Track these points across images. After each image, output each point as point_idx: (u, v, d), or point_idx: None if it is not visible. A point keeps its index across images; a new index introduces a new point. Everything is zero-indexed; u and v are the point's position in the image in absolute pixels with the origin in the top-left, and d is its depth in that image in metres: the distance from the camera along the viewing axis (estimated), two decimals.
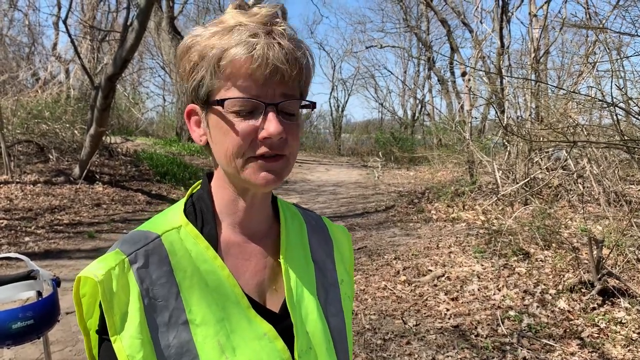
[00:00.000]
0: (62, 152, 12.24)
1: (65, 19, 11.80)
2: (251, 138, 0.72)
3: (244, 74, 0.70)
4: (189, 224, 0.80)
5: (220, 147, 0.75)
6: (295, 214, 0.94)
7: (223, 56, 0.70)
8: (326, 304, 0.87)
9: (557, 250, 5.51)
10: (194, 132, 0.80)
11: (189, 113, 0.79)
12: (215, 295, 0.75)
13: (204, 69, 0.72)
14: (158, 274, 0.74)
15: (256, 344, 0.75)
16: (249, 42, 0.70)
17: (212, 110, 0.74)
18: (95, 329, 0.74)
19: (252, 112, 0.72)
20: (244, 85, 0.71)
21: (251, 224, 0.84)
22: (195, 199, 0.85)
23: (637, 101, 4.66)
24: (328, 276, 0.91)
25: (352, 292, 0.98)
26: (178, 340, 0.72)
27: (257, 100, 0.71)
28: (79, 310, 0.74)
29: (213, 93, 0.73)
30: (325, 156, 24.85)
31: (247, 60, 0.69)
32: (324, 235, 0.96)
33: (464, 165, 11.12)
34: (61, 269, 5.83)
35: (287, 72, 0.71)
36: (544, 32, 9.23)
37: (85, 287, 0.72)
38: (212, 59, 0.71)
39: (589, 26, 5.59)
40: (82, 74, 17.59)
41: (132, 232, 0.79)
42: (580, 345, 3.64)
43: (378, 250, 6.54)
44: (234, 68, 0.70)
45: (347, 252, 1.00)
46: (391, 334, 4.00)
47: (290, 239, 0.88)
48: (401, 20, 27.25)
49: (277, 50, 0.70)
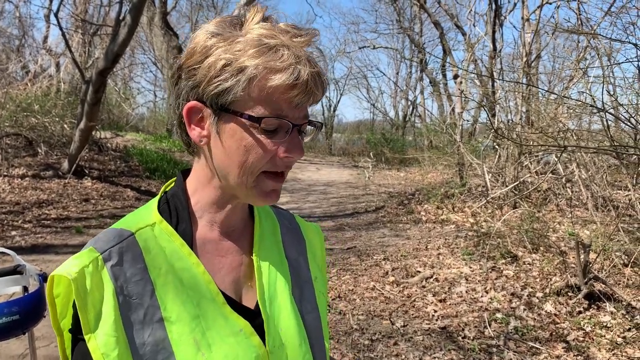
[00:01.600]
0: (51, 146, 12.13)
1: (57, 11, 11.70)
2: (272, 155, 0.74)
3: (282, 98, 0.71)
4: (163, 221, 0.79)
5: (233, 157, 0.74)
6: (268, 213, 0.95)
7: (266, 77, 0.70)
8: (301, 301, 0.88)
9: (544, 254, 5.55)
10: (194, 130, 0.77)
11: (190, 110, 0.76)
12: (191, 293, 0.75)
13: (234, 79, 0.70)
14: (132, 272, 0.73)
15: (232, 340, 0.75)
16: (295, 69, 0.70)
17: (231, 119, 0.73)
18: (68, 329, 0.73)
19: (277, 130, 0.73)
20: (279, 107, 0.72)
21: (230, 222, 0.84)
22: (169, 196, 0.84)
23: (627, 107, 4.70)
24: (302, 274, 0.92)
25: (326, 289, 0.99)
26: (153, 338, 0.71)
27: (288, 121, 0.73)
28: (53, 310, 0.73)
29: (238, 104, 0.72)
30: (317, 156, 24.86)
31: (290, 86, 0.70)
32: (296, 234, 0.97)
33: (454, 168, 11.17)
34: (48, 263, 5.78)
35: (317, 97, 0.74)
36: (536, 36, 9.28)
37: (59, 286, 0.71)
38: (251, 75, 0.70)
39: (581, 31, 5.63)
40: (72, 68, 17.44)
41: (105, 230, 0.78)
42: (566, 348, 3.67)
43: (367, 250, 6.55)
44: (275, 92, 0.70)
45: (319, 250, 1.01)
46: (379, 334, 4.01)
47: (264, 237, 0.88)
48: (394, 22, 27.31)
49: (316, 79, 0.72)
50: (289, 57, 0.70)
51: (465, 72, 11.29)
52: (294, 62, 0.70)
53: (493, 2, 10.60)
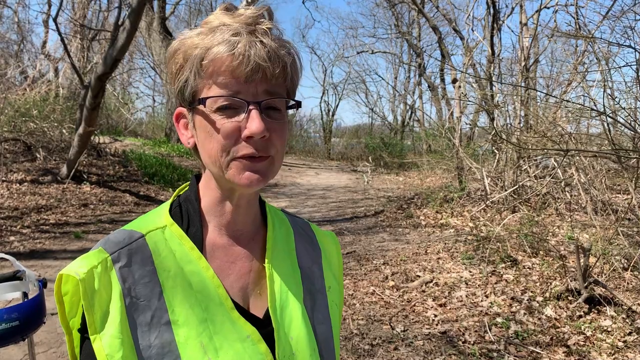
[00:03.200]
0: (49, 151, 12.11)
1: (56, 17, 11.72)
2: (235, 137, 0.72)
3: (225, 72, 0.71)
4: (174, 224, 0.79)
5: (205, 147, 0.75)
6: (283, 220, 0.94)
7: (205, 55, 0.71)
8: (313, 311, 0.86)
9: (544, 258, 5.55)
10: (183, 135, 0.80)
11: (177, 116, 0.80)
12: (199, 296, 0.75)
13: (188, 69, 0.72)
14: (141, 274, 0.73)
15: (239, 345, 0.74)
16: (230, 40, 0.70)
17: (197, 112, 0.75)
18: (77, 328, 0.73)
19: (237, 110, 0.72)
20: (225, 83, 0.71)
21: (237, 225, 0.83)
22: (182, 200, 0.84)
23: (627, 111, 4.71)
24: (315, 283, 0.90)
25: (341, 301, 0.98)
26: (160, 341, 0.71)
27: (239, 98, 0.71)
28: (61, 308, 0.73)
29: (197, 93, 0.74)
30: (315, 160, 24.86)
31: (228, 58, 0.70)
32: (311, 242, 0.95)
33: (453, 172, 11.17)
34: (47, 269, 5.76)
35: (269, 70, 0.71)
36: (534, 40, 9.32)
37: (67, 284, 0.71)
38: (195, 58, 0.71)
39: (579, 35, 5.65)
40: (71, 73, 17.46)
41: (116, 232, 0.78)
42: (567, 352, 3.66)
43: (367, 255, 6.54)
44: (215, 66, 0.71)
45: (335, 259, 0.99)
46: (379, 339, 3.99)
47: (277, 245, 0.87)
48: (393, 26, 27.42)
49: (259, 48, 0.70)
50: (225, 32, 0.71)
51: (464, 75, 11.31)
52: (231, 36, 0.70)
53: (491, 6, 10.63)
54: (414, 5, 17.27)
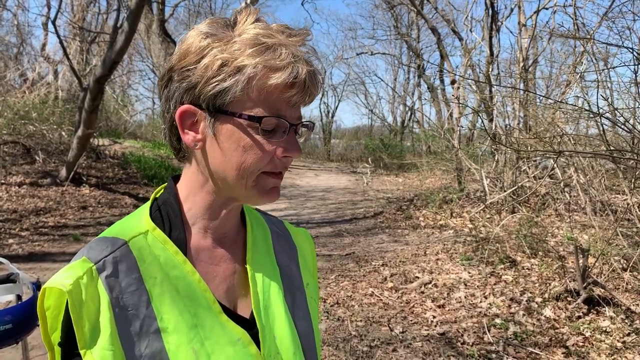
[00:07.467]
0: (48, 153, 12.11)
1: (55, 19, 11.79)
2: (271, 156, 0.73)
3: (280, 97, 0.71)
4: (156, 229, 0.77)
5: (231, 159, 0.73)
6: (259, 220, 0.94)
7: (266, 76, 0.69)
8: (294, 307, 0.86)
9: (543, 259, 5.54)
10: (187, 134, 0.75)
11: (183, 114, 0.74)
12: (187, 302, 0.74)
13: (233, 79, 0.69)
14: (127, 282, 0.71)
15: (230, 349, 0.74)
16: (294, 67, 0.69)
17: (228, 120, 0.72)
18: (58, 342, 0.71)
19: (275, 130, 0.73)
20: (277, 107, 0.71)
21: (224, 228, 0.83)
22: (160, 203, 0.82)
23: (623, 111, 4.70)
24: (294, 280, 0.91)
25: (317, 295, 0.98)
26: (150, 350, 0.69)
27: (286, 120, 0.72)
28: (44, 323, 0.71)
29: (235, 104, 0.71)
30: (315, 161, 24.87)
31: (289, 85, 0.70)
32: (287, 241, 0.96)
33: (452, 173, 11.16)
34: (45, 272, 5.75)
35: (313, 97, 0.74)
36: (532, 41, 9.31)
37: (50, 299, 0.69)
38: (250, 74, 0.69)
39: (577, 36, 5.64)
40: (70, 75, 17.46)
41: (97, 239, 0.75)
42: (566, 353, 3.65)
43: (366, 256, 6.53)
44: (275, 91, 0.70)
45: (309, 256, 1.00)
46: (377, 340, 3.98)
47: (257, 245, 0.87)
48: (392, 28, 27.38)
49: (312, 77, 0.72)
50: (287, 55, 0.70)
51: (462, 77, 11.31)
52: (293, 61, 0.70)
53: (490, 7, 10.62)
54: (413, 7, 17.29)
